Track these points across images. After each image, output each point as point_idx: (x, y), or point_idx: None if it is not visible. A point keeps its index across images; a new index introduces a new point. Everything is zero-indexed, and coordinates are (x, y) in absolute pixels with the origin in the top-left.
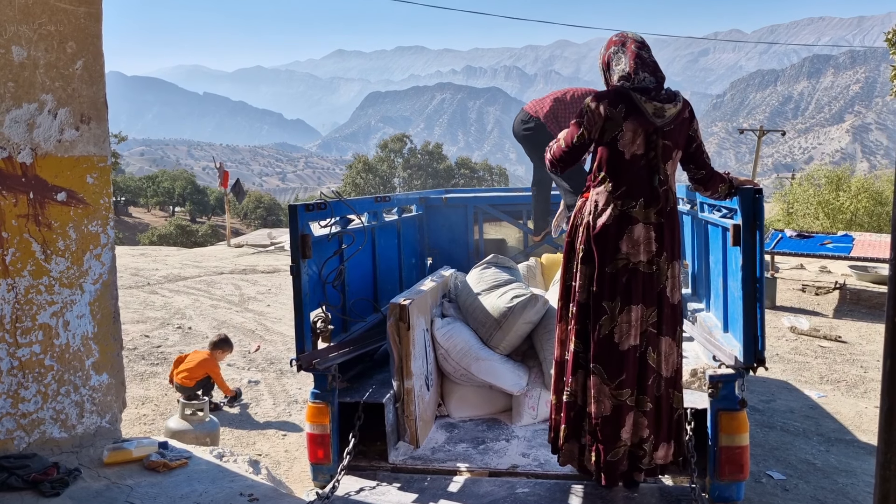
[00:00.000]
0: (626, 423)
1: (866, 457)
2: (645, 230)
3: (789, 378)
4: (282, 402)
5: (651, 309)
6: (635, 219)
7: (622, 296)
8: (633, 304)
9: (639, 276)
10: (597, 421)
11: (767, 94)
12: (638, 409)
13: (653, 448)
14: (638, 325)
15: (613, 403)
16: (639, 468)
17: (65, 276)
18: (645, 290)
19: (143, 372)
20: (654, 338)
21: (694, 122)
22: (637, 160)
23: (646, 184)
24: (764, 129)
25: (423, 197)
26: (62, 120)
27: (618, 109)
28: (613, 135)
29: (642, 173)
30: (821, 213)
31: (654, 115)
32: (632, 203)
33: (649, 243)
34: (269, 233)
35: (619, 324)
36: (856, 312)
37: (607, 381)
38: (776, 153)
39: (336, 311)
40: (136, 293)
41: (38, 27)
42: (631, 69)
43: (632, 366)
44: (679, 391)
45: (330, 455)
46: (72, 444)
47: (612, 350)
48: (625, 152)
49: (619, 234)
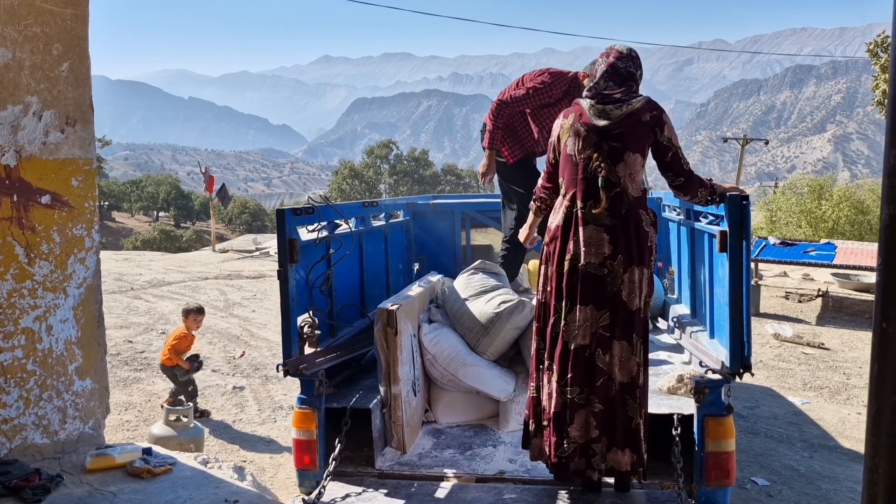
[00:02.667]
0: (575, 421)
1: (849, 463)
2: (595, 232)
3: (773, 385)
4: (267, 408)
5: (602, 311)
6: (584, 220)
7: (569, 296)
8: (582, 304)
9: (588, 277)
10: (548, 416)
11: (751, 103)
12: (586, 408)
13: (605, 449)
14: (587, 326)
15: (562, 400)
16: (591, 467)
17: (48, 279)
18: (595, 292)
19: (127, 377)
20: (605, 340)
21: (662, 128)
22: (581, 163)
23: (591, 185)
24: (747, 138)
25: (410, 202)
26: (47, 122)
27: (567, 117)
28: (564, 140)
29: (587, 175)
30: (803, 222)
31: (598, 116)
32: (579, 204)
33: (601, 245)
34: (255, 238)
35: (567, 323)
36: (838, 320)
37: (557, 379)
38: (759, 162)
39: (323, 316)
40: (120, 298)
41: (24, 28)
42: (597, 77)
43: (580, 365)
44: (636, 400)
45: (316, 461)
46: (54, 450)
47: (562, 348)
48: (573, 156)
49: (567, 234)
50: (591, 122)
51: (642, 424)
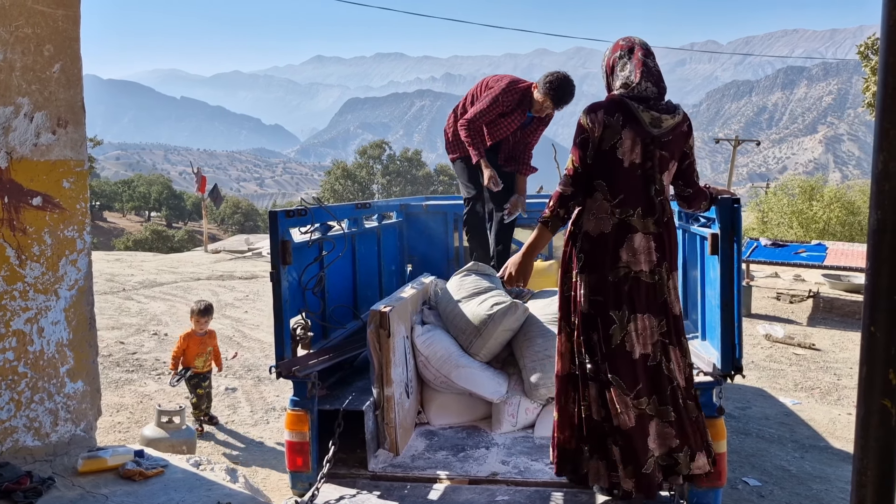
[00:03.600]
0: (651, 433)
1: (840, 463)
2: (644, 240)
3: (764, 385)
4: (259, 409)
5: (660, 318)
6: (634, 228)
7: (627, 304)
8: (640, 312)
9: (641, 285)
10: (626, 433)
11: (742, 104)
12: (661, 419)
13: (688, 458)
14: (647, 335)
15: (636, 413)
16: (673, 475)
17: (40, 281)
18: (649, 300)
19: (119, 379)
20: (665, 347)
21: (691, 137)
22: (634, 169)
23: (642, 193)
24: (739, 139)
25: (403, 204)
26: (38, 123)
27: (615, 118)
28: (612, 143)
29: (639, 183)
30: (794, 223)
31: (651, 124)
32: (630, 212)
33: (650, 253)
34: (247, 239)
35: (628, 332)
36: (829, 320)
37: (626, 392)
38: (751, 163)
39: (316, 318)
40: (112, 299)
41: (15, 29)
42: (636, 77)
43: (644, 374)
44: (692, 399)
45: (309, 463)
46: (45, 452)
47: (626, 359)
48: (623, 160)
49: (618, 242)
50: (648, 130)
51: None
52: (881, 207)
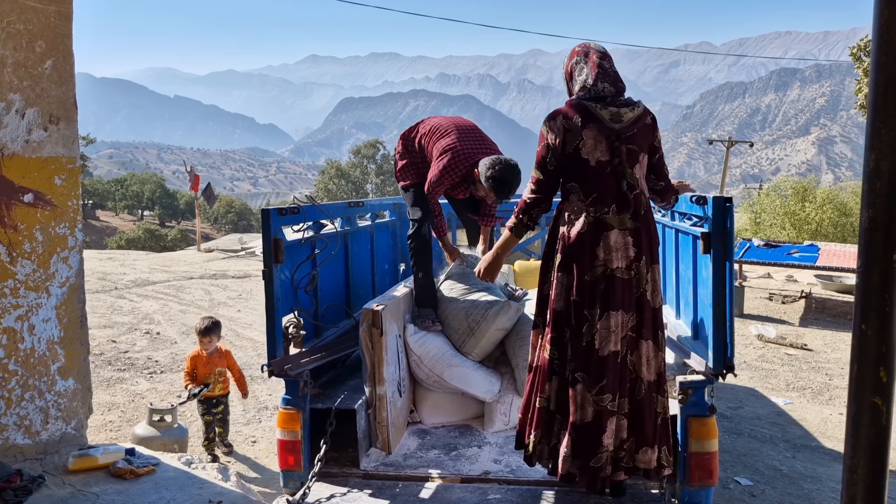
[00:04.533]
0: (608, 429)
1: (831, 463)
2: (621, 236)
3: (756, 385)
4: (251, 408)
5: (630, 314)
6: (609, 225)
7: (601, 302)
8: (612, 310)
9: (616, 282)
10: (580, 427)
11: (736, 105)
12: (619, 412)
13: (633, 450)
14: (618, 331)
15: (595, 409)
16: (620, 467)
17: (31, 279)
18: (624, 296)
19: (110, 378)
20: (633, 342)
21: (657, 130)
22: (603, 167)
23: (614, 189)
24: (732, 140)
25: (396, 203)
26: (30, 120)
27: (573, 120)
28: (575, 144)
29: (610, 180)
30: (787, 224)
31: (612, 120)
32: (604, 209)
33: (627, 249)
34: (240, 238)
35: (598, 330)
36: (821, 321)
37: (589, 388)
38: (744, 164)
39: (308, 317)
40: (104, 297)
41: (7, 25)
42: (592, 79)
43: (612, 371)
44: (663, 395)
45: (301, 461)
46: (36, 450)
47: (593, 357)
48: (589, 159)
49: (594, 241)
50: (610, 126)
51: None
52: (872, 206)
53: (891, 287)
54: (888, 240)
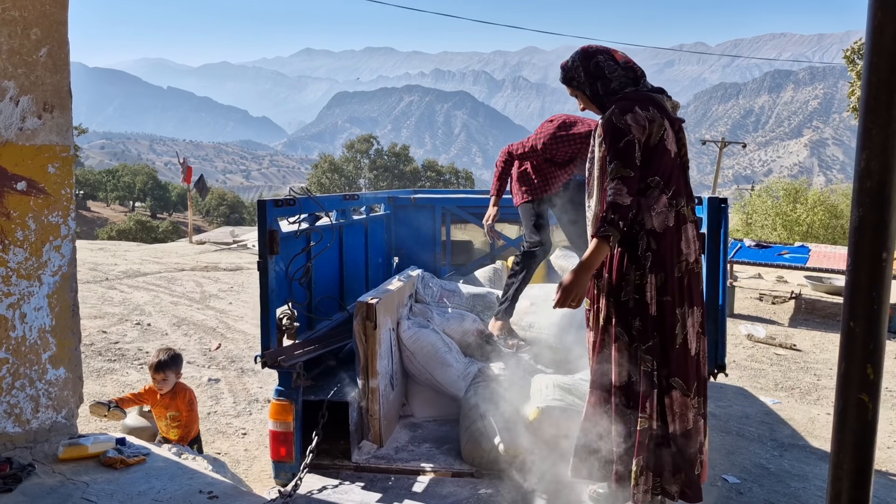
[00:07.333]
0: (702, 430)
1: (818, 462)
2: (693, 229)
3: (745, 384)
4: (242, 400)
5: (701, 309)
6: (686, 217)
7: (687, 300)
8: (696, 305)
9: (693, 276)
10: (682, 436)
11: (729, 106)
12: (699, 411)
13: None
14: (695, 328)
15: (693, 414)
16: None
17: (23, 267)
18: (698, 291)
19: (100, 368)
20: (699, 337)
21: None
22: (675, 158)
23: (684, 181)
24: (725, 141)
25: (391, 196)
26: (24, 108)
27: (652, 111)
28: (661, 135)
29: (679, 171)
30: (778, 225)
31: (673, 109)
32: (682, 202)
33: (697, 241)
34: (232, 230)
35: (688, 329)
36: (810, 322)
37: (686, 393)
38: (737, 165)
39: (302, 309)
40: (95, 288)
41: (2, 12)
42: (640, 73)
43: (696, 371)
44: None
45: (292, 453)
46: (26, 439)
47: (688, 359)
48: (671, 151)
49: (678, 235)
50: (671, 115)
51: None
52: (862, 205)
53: (879, 285)
54: (877, 238)
